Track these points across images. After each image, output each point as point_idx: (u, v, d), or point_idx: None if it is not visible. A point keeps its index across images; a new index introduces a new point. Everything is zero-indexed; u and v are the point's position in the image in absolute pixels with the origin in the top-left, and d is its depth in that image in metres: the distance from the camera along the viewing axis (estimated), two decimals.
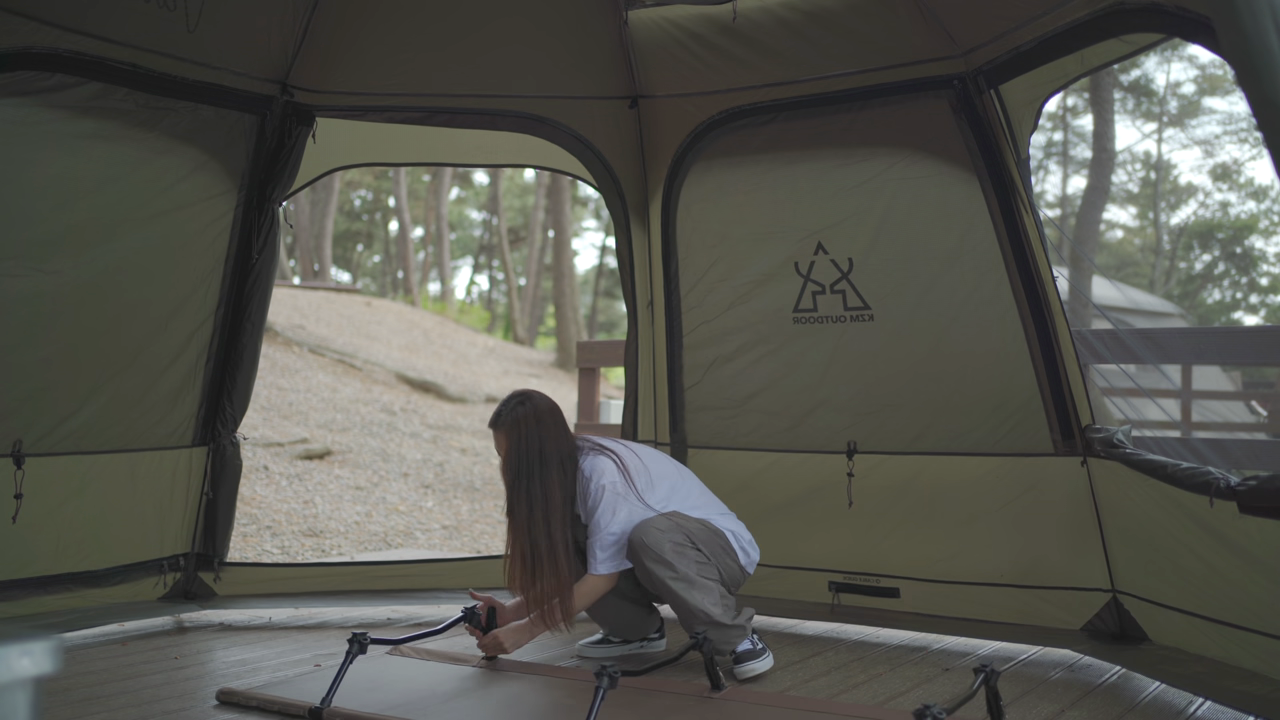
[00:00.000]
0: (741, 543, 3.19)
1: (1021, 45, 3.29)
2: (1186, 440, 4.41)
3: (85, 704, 2.74)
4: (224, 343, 3.99)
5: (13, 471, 3.42)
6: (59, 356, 3.55)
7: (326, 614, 3.97)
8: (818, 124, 3.87)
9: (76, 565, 3.63)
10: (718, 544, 3.11)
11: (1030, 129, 3.52)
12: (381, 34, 4.03)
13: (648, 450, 3.27)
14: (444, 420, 11.23)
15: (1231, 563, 2.87)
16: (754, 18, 3.81)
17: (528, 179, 30.10)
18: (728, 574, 3.11)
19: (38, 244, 3.43)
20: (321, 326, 14.58)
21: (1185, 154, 33.41)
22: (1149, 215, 28.44)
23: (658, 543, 2.97)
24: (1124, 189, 28.28)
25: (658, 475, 3.18)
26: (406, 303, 23.32)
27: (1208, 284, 26.89)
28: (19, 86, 3.28)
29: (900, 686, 2.96)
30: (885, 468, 3.83)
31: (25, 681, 0.94)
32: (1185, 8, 2.71)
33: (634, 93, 4.22)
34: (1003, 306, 3.60)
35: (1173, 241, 27.51)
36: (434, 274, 32.10)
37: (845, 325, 3.90)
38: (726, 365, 4.15)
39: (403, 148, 4.55)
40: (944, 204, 3.68)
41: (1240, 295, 26.69)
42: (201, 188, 3.83)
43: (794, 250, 3.96)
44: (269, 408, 9.81)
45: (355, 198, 33.87)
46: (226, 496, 4.04)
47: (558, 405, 3.18)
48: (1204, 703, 2.77)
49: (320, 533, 6.55)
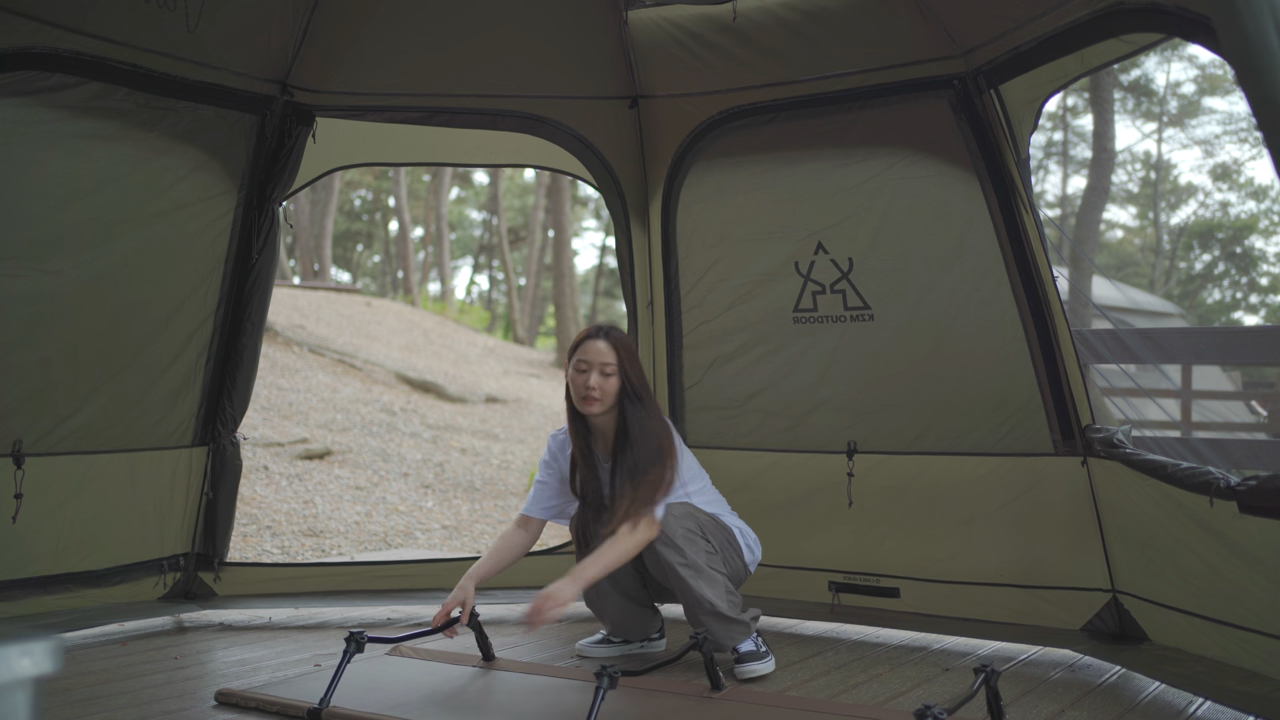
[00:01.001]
0: (747, 539, 3.23)
1: (1021, 45, 3.29)
2: (1186, 440, 4.42)
3: (85, 704, 2.74)
4: (224, 343, 3.99)
5: (13, 471, 3.42)
6: (59, 356, 3.55)
7: (326, 614, 3.97)
8: (818, 124, 3.87)
9: (76, 565, 3.63)
10: (725, 538, 3.13)
11: (1030, 129, 3.51)
12: (381, 34, 4.03)
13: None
14: (444, 420, 11.23)
15: (1231, 563, 2.87)
16: (754, 18, 3.80)
17: (528, 179, 30.11)
18: (732, 569, 3.13)
19: (38, 244, 3.43)
20: (321, 326, 14.58)
21: (1185, 154, 33.44)
22: (1149, 215, 28.44)
23: (670, 527, 2.99)
24: (1124, 189, 28.29)
25: (687, 464, 3.23)
26: (406, 303, 23.31)
27: (1208, 284, 26.89)
28: (19, 86, 3.28)
29: (900, 686, 2.96)
30: (885, 468, 3.83)
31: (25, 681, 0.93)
32: (1185, 7, 2.70)
33: (634, 93, 4.22)
34: (1003, 306, 3.60)
35: (1173, 241, 27.51)
36: (434, 274, 32.11)
37: (845, 325, 3.90)
38: (726, 365, 4.15)
39: (403, 148, 4.55)
40: (944, 204, 3.68)
41: (1240, 295, 26.70)
42: (201, 188, 3.83)
43: (794, 250, 3.96)
44: (269, 408, 9.81)
45: (355, 198, 33.88)
46: (226, 496, 4.04)
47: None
48: (1204, 703, 2.77)
49: (320, 533, 6.55)
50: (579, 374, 3.13)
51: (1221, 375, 13.10)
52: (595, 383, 3.10)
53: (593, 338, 3.17)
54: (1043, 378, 3.55)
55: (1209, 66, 24.16)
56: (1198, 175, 32.55)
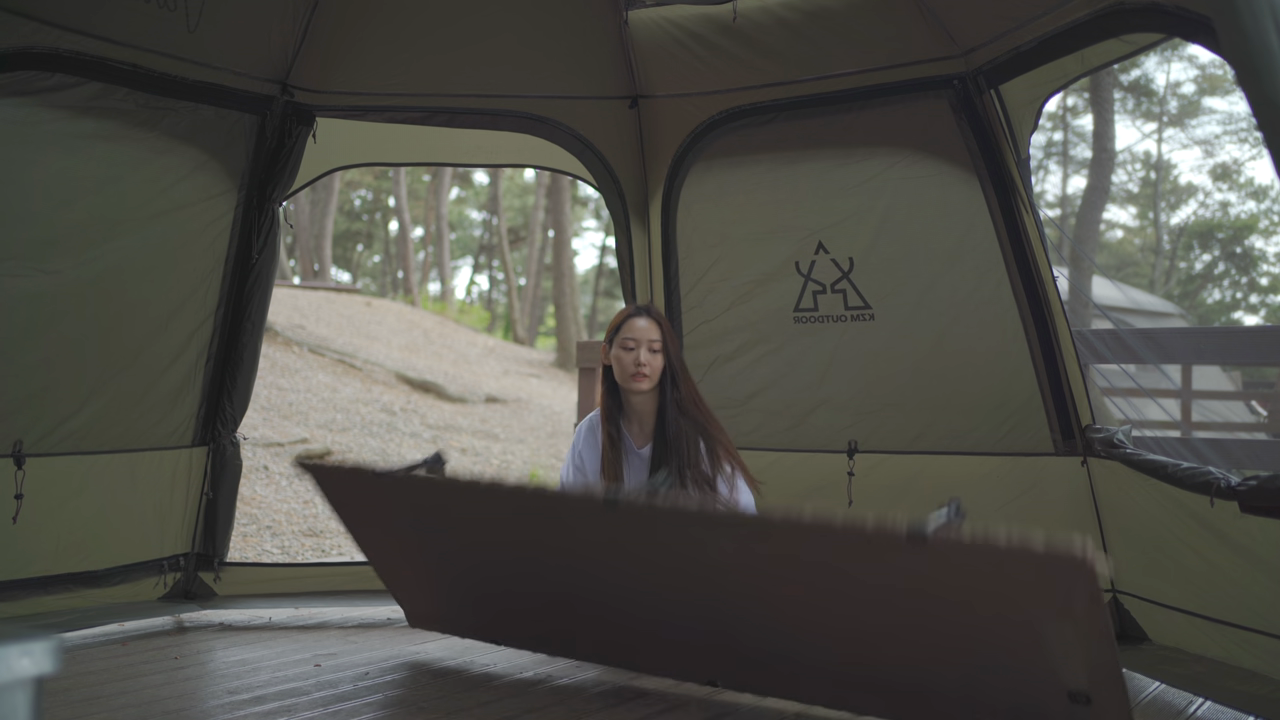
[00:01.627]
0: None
1: (1021, 45, 3.29)
2: (1186, 440, 4.42)
3: (85, 704, 2.74)
4: (224, 343, 3.99)
5: (13, 472, 3.42)
6: (59, 356, 3.54)
7: (326, 614, 3.97)
8: (818, 124, 3.87)
9: (76, 565, 3.63)
10: None
11: (1030, 129, 3.52)
12: (382, 34, 4.03)
13: None
14: (444, 420, 11.23)
15: (1232, 563, 2.87)
16: (754, 18, 3.80)
17: (528, 179, 30.11)
18: None
19: (38, 244, 3.43)
20: (321, 326, 14.58)
21: (1185, 154, 33.45)
22: (1149, 215, 28.44)
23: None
24: (1124, 189, 28.29)
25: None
26: (406, 303, 23.31)
27: (1208, 284, 26.89)
28: (19, 86, 3.28)
29: None
30: (886, 467, 3.83)
31: (25, 681, 0.93)
32: (1185, 7, 2.71)
33: (634, 93, 4.22)
34: (1003, 306, 3.61)
35: (1173, 241, 27.51)
36: (434, 274, 32.11)
37: (846, 325, 3.90)
38: (727, 365, 4.15)
39: (403, 148, 4.55)
40: (944, 204, 3.68)
41: (1240, 295, 26.70)
42: (201, 188, 3.83)
43: (794, 250, 3.96)
44: (269, 408, 9.82)
45: (355, 198, 33.87)
46: (226, 496, 4.04)
47: None
48: (1204, 703, 2.76)
49: (320, 533, 6.55)
50: (626, 352, 3.15)
51: (1221, 375, 13.10)
52: (645, 359, 3.13)
53: (636, 315, 3.21)
54: (1043, 377, 3.55)
55: (1209, 66, 24.16)
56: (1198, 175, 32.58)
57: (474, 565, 3.06)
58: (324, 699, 2.79)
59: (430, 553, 3.14)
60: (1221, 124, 25.47)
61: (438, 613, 3.32)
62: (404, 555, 3.22)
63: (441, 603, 3.29)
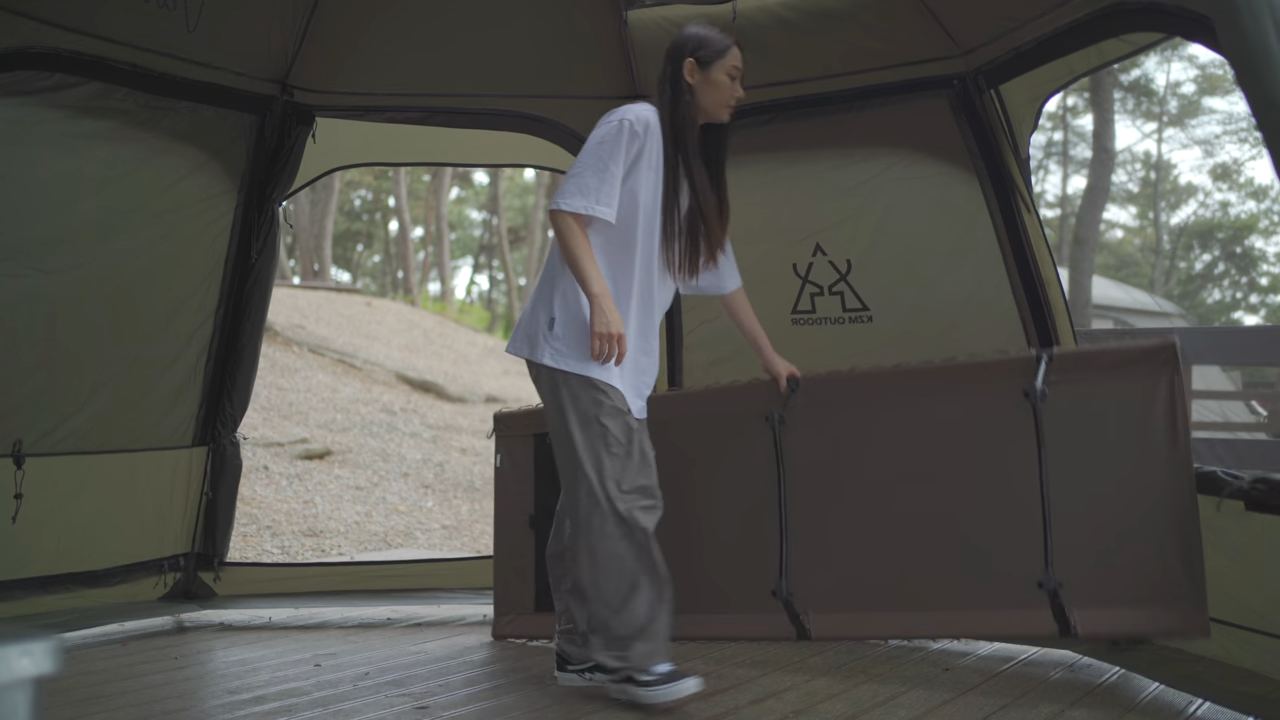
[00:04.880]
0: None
1: (1021, 45, 3.29)
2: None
3: (85, 704, 2.74)
4: (224, 343, 3.99)
5: (13, 471, 3.42)
6: (59, 356, 3.55)
7: (326, 614, 3.97)
8: (818, 124, 3.87)
9: (76, 565, 3.63)
10: None
11: (1030, 129, 3.51)
12: (381, 34, 4.03)
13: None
14: (444, 420, 11.23)
15: (1233, 562, 2.86)
16: (754, 18, 3.80)
17: (528, 179, 30.11)
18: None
19: (38, 244, 3.43)
20: (321, 326, 14.58)
21: (1185, 154, 33.42)
22: (1149, 215, 28.46)
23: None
24: (1124, 189, 28.31)
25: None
26: (406, 303, 23.31)
27: (1208, 284, 26.91)
28: (19, 86, 3.29)
29: (900, 687, 2.96)
30: None
31: (25, 681, 0.93)
32: (1185, 7, 2.71)
33: (634, 93, 4.22)
34: (1003, 307, 3.60)
35: (1173, 241, 27.52)
36: (434, 274, 32.13)
37: (844, 327, 3.89)
38: (727, 365, 4.14)
39: (403, 148, 4.55)
40: (944, 204, 3.67)
41: (1240, 295, 26.73)
42: (201, 188, 3.83)
43: (792, 252, 3.96)
44: (269, 408, 9.82)
45: (355, 198, 33.88)
46: (226, 496, 4.04)
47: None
48: (1204, 703, 2.76)
49: (320, 533, 6.55)
50: (730, 80, 2.86)
51: (1221, 375, 13.10)
52: (742, 92, 2.91)
53: (737, 45, 2.90)
54: None
55: (1209, 66, 24.19)
56: (1198, 175, 32.57)
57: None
58: (324, 699, 2.79)
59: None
60: (1221, 124, 25.51)
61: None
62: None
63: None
